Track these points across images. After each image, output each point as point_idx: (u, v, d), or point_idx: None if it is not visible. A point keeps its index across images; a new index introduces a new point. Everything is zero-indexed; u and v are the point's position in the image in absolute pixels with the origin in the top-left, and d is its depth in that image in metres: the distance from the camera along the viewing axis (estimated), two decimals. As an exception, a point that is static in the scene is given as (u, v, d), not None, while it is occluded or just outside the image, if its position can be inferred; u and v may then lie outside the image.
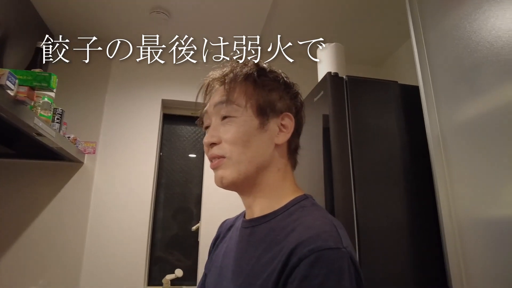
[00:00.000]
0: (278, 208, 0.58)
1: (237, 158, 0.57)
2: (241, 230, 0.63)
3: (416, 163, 1.16)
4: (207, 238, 2.01)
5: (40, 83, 1.11)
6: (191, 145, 2.39)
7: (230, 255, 0.62)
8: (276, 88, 0.62)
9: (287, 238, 0.50)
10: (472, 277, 0.91)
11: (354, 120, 1.17)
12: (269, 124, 0.60)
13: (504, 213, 0.86)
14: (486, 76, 0.94)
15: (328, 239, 0.46)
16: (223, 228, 0.76)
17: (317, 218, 0.53)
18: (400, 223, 1.10)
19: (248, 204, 0.63)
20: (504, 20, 0.88)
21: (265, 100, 0.60)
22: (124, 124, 2.07)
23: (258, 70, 0.62)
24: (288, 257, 0.46)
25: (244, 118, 0.58)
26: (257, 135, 0.58)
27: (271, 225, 0.56)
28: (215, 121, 0.60)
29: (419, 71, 1.16)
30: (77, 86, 2.02)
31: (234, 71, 0.61)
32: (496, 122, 0.89)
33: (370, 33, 2.18)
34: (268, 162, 0.60)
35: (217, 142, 0.58)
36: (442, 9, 1.11)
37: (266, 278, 0.48)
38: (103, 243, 1.85)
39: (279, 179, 0.61)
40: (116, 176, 1.97)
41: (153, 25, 1.95)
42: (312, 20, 2.03)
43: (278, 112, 0.61)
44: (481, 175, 0.92)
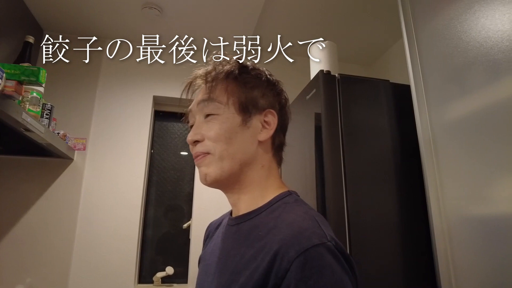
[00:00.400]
0: (262, 205, 0.59)
1: (220, 154, 0.57)
2: (227, 227, 0.64)
3: (406, 161, 1.17)
4: (199, 235, 2.00)
5: (28, 77, 1.08)
6: (183, 142, 2.37)
7: (216, 253, 0.62)
8: (258, 85, 0.63)
9: (268, 235, 0.51)
10: (460, 275, 0.93)
11: (346, 118, 1.17)
12: (251, 121, 0.60)
13: (492, 211, 0.87)
14: (476, 75, 0.95)
15: (311, 236, 0.46)
16: (211, 228, 0.77)
17: (298, 214, 0.53)
18: (390, 221, 1.10)
19: (234, 202, 0.64)
20: (493, 21, 0.89)
21: (247, 97, 0.61)
22: (115, 120, 2.04)
23: (240, 67, 0.63)
24: (273, 257, 0.47)
25: (226, 116, 0.59)
26: (240, 132, 0.59)
27: (255, 222, 0.57)
28: (199, 119, 0.62)
29: (410, 70, 1.17)
30: (67, 81, 1.99)
31: (216, 69, 0.62)
32: (485, 122, 0.90)
33: (361, 33, 2.19)
34: (251, 159, 0.60)
35: (200, 139, 0.59)
36: (433, 9, 1.11)
37: (248, 275, 0.49)
38: (93, 241, 1.83)
39: (264, 176, 0.61)
40: (107, 173, 1.95)
41: (145, 20, 1.93)
42: (304, 19, 2.03)
43: (260, 109, 0.62)
44: (470, 174, 0.94)
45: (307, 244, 0.45)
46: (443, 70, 1.06)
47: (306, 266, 0.44)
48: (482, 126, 0.91)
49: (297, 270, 0.44)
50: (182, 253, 2.10)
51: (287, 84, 0.70)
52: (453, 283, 0.94)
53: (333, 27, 2.11)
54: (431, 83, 1.11)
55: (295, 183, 1.30)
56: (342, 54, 1.75)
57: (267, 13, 1.96)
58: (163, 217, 2.21)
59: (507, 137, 0.84)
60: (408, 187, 1.14)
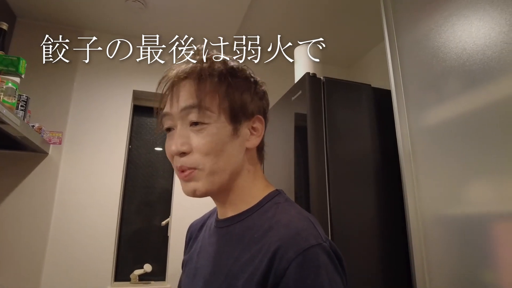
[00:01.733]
0: (252, 206, 0.58)
1: (210, 169, 0.53)
2: (215, 230, 0.62)
3: (386, 163, 1.22)
4: (177, 233, 1.99)
5: (7, 67, 1.04)
6: (162, 138, 2.34)
7: (205, 256, 0.61)
8: (248, 88, 0.58)
9: (265, 237, 0.51)
10: (433, 270, 0.99)
11: (330, 119, 1.21)
12: (241, 129, 0.57)
13: (464, 211, 0.94)
14: (452, 84, 1.01)
15: (308, 237, 0.48)
16: (193, 229, 0.74)
17: (292, 215, 0.54)
18: (370, 219, 1.16)
19: (221, 204, 0.62)
20: (470, 34, 0.95)
21: (237, 103, 0.56)
22: (93, 114, 1.99)
23: (230, 69, 0.57)
24: (272, 258, 0.47)
25: (217, 125, 0.54)
26: (230, 142, 0.55)
27: (247, 224, 0.56)
28: (181, 125, 0.54)
29: (391, 77, 1.22)
30: (43, 71, 1.91)
31: (203, 70, 0.55)
32: (460, 128, 0.96)
33: (341, 36, 2.25)
34: (239, 167, 0.58)
35: (187, 151, 0.53)
36: (414, 19, 1.17)
37: (248, 277, 0.49)
38: (68, 238, 1.78)
39: (250, 180, 0.60)
40: (84, 169, 1.89)
41: (128, 14, 1.89)
42: (287, 20, 2.06)
43: (249, 116, 0.58)
44: (445, 176, 1.00)
45: (305, 245, 0.46)
46: (422, 77, 1.12)
47: (304, 266, 0.45)
48: (457, 132, 0.97)
49: (295, 270, 0.45)
50: (159, 251, 2.08)
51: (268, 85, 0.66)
52: (426, 278, 1.00)
53: (314, 29, 2.15)
54: (410, 90, 1.16)
55: (279, 182, 1.32)
56: (322, 56, 1.80)
57: (252, 11, 1.97)
58: (141, 214, 2.17)
59: (480, 143, 0.90)
60: (387, 187, 1.20)
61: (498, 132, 0.86)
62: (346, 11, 2.00)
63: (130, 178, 2.15)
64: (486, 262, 0.86)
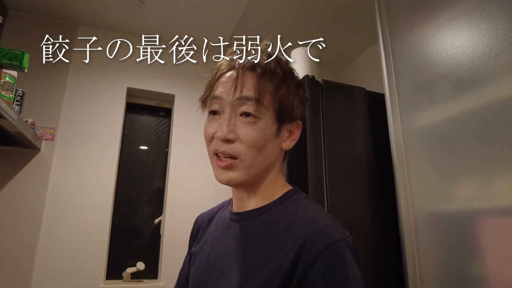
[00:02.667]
0: (272, 202, 0.60)
1: (250, 161, 0.56)
2: (231, 222, 0.64)
3: (379, 163, 1.29)
4: (170, 231, 2.00)
5: (10, 61, 1.03)
6: (155, 136, 2.34)
7: (219, 248, 0.62)
8: (298, 94, 0.61)
9: (288, 231, 0.53)
10: (424, 264, 1.05)
11: (327, 121, 1.26)
12: (282, 130, 0.59)
13: (453, 208, 1.01)
14: (442, 89, 1.08)
15: (334, 232, 0.51)
16: (201, 221, 0.75)
17: (315, 211, 0.57)
18: (364, 216, 1.22)
19: (241, 197, 0.63)
20: (460, 43, 1.03)
21: (287, 106, 0.58)
22: (86, 110, 1.97)
23: (289, 72, 0.60)
24: (300, 251, 0.49)
25: (265, 122, 0.56)
26: (271, 141, 0.57)
27: (267, 218, 0.58)
28: (231, 114, 0.56)
29: (385, 81, 1.28)
30: (35, 66, 1.87)
31: (268, 67, 0.58)
32: (450, 130, 1.04)
33: (334, 40, 2.32)
34: (272, 165, 0.61)
35: (232, 140, 0.55)
36: (408, 27, 1.24)
37: (272, 269, 0.50)
38: (60, 236, 1.76)
39: (275, 177, 0.63)
40: (76, 165, 1.88)
41: (124, 10, 1.89)
42: (281, 22, 2.11)
43: (292, 119, 0.60)
44: (435, 175, 1.07)
45: (332, 239, 0.49)
46: (414, 82, 1.19)
47: (332, 259, 0.48)
48: (446, 134, 1.04)
49: (323, 262, 0.47)
50: (152, 249, 2.08)
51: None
52: (417, 272, 1.06)
53: (308, 32, 2.21)
54: (403, 93, 1.23)
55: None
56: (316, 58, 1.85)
57: (249, 11, 2.01)
58: (133, 212, 2.17)
59: (467, 144, 0.97)
60: (380, 186, 1.26)
61: (483, 134, 0.93)
62: (338, 16, 2.07)
63: (123, 175, 2.14)
64: (473, 256, 0.92)
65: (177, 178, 2.11)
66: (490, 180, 0.92)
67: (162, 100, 2.32)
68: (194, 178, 2.12)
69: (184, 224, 1.99)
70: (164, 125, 2.38)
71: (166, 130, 2.37)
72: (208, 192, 2.06)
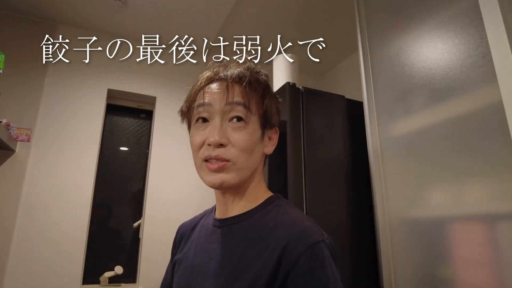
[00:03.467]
0: (255, 207, 0.62)
1: (241, 164, 0.59)
2: (214, 229, 0.65)
3: (357, 168, 1.32)
4: (150, 234, 1.98)
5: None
6: (135, 138, 2.31)
7: (203, 254, 0.63)
8: (275, 103, 0.67)
9: (271, 235, 0.55)
10: (398, 266, 1.09)
11: (307, 127, 1.29)
12: (265, 135, 0.64)
13: (426, 214, 1.05)
14: (418, 99, 1.12)
15: (314, 234, 0.54)
16: (184, 230, 0.76)
17: (296, 215, 0.60)
18: (342, 220, 1.25)
19: (225, 202, 0.65)
20: (435, 55, 1.07)
21: (268, 114, 0.64)
22: (65, 111, 1.92)
23: (268, 84, 0.66)
24: (282, 252, 0.52)
25: (253, 126, 0.61)
26: (258, 145, 0.62)
27: (250, 223, 0.60)
28: (221, 120, 0.59)
29: (364, 89, 1.32)
30: (11, 64, 1.82)
31: (253, 78, 0.63)
32: (424, 139, 1.08)
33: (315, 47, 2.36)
34: (256, 169, 0.64)
35: (225, 144, 0.58)
36: (387, 37, 1.28)
37: (257, 271, 0.53)
38: (34, 239, 1.71)
39: (257, 182, 0.66)
40: (54, 167, 1.83)
41: (107, 11, 1.86)
42: (264, 28, 2.13)
43: (272, 126, 0.66)
44: (410, 182, 1.11)
45: (312, 241, 0.52)
46: (392, 91, 1.23)
47: (312, 258, 0.50)
48: (421, 142, 1.09)
49: (305, 262, 0.50)
50: (130, 253, 2.05)
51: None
52: (392, 275, 1.10)
53: (290, 38, 2.23)
54: (381, 102, 1.27)
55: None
56: (297, 65, 1.88)
57: (232, 15, 2.02)
58: (112, 215, 2.13)
59: (440, 152, 1.02)
60: (358, 191, 1.30)
61: (456, 143, 0.97)
62: (319, 24, 2.11)
63: (101, 178, 2.10)
64: (444, 260, 0.97)
65: (157, 181, 2.09)
66: (460, 187, 0.96)
67: (143, 102, 2.30)
68: (175, 181, 2.10)
69: (163, 227, 1.99)
70: (145, 127, 2.36)
71: (147, 132, 2.34)
72: (189, 196, 2.05)
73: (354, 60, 2.45)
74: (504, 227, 0.85)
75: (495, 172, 0.87)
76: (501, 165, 0.85)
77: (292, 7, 1.97)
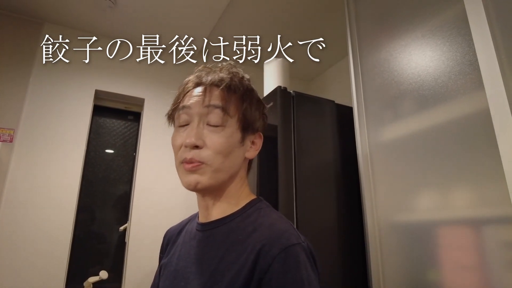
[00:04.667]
0: (236, 211, 0.63)
1: (217, 166, 0.59)
2: (197, 233, 0.66)
3: (347, 172, 1.33)
4: (136, 239, 1.94)
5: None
6: (123, 140, 2.28)
7: (187, 258, 0.64)
8: (259, 108, 0.67)
9: (249, 238, 0.56)
10: (387, 269, 1.10)
11: (298, 131, 1.29)
12: (246, 139, 0.64)
13: (414, 218, 1.06)
14: (406, 105, 1.14)
15: (290, 237, 0.54)
16: (170, 235, 0.77)
17: (275, 218, 0.60)
18: (331, 224, 1.25)
19: (206, 206, 0.65)
20: (423, 62, 1.09)
21: (249, 118, 0.64)
22: (51, 112, 1.88)
23: (251, 89, 0.67)
24: (258, 255, 0.52)
25: (231, 130, 0.61)
26: (237, 148, 0.62)
27: (231, 227, 0.61)
28: (199, 123, 0.60)
29: (354, 95, 1.34)
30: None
31: (233, 82, 0.63)
32: (411, 144, 1.10)
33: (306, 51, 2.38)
34: (236, 173, 0.64)
35: (200, 146, 0.59)
36: (377, 43, 1.30)
37: (234, 274, 0.53)
38: (16, 242, 1.65)
39: (239, 186, 0.66)
40: (37, 169, 1.78)
41: (96, 11, 1.83)
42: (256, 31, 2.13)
43: (254, 130, 0.66)
44: (398, 186, 1.12)
45: (287, 243, 0.52)
46: (381, 97, 1.25)
47: (286, 261, 0.51)
48: (409, 148, 1.10)
49: (278, 264, 0.50)
50: (116, 257, 2.01)
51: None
52: (381, 278, 1.11)
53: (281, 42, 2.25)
54: (370, 108, 1.29)
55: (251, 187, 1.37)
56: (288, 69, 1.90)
57: (221, 21, 2.02)
58: (97, 218, 2.08)
59: (427, 158, 1.03)
60: (348, 195, 1.31)
61: (443, 149, 0.99)
62: (309, 29, 2.13)
63: (87, 180, 2.05)
64: (432, 263, 0.98)
65: (144, 184, 2.06)
66: (447, 192, 0.98)
67: (131, 103, 2.27)
68: (163, 184, 2.07)
69: (150, 231, 1.96)
70: (133, 129, 2.32)
71: (134, 134, 2.31)
72: (177, 200, 2.03)
73: (343, 65, 2.49)
74: (489, 231, 0.86)
75: (481, 177, 0.89)
76: (486, 170, 0.87)
77: (282, 12, 1.99)
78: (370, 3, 1.37)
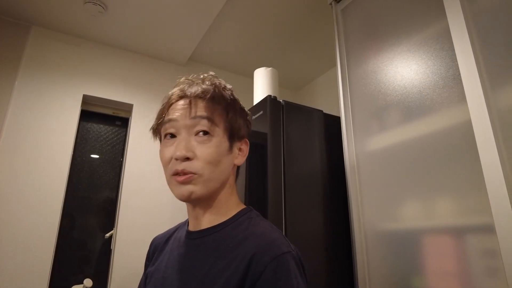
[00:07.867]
0: (227, 220, 0.64)
1: (208, 176, 0.60)
2: (187, 241, 0.67)
3: (334, 180, 1.36)
4: (122, 246, 1.91)
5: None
6: (110, 146, 2.25)
7: (175, 266, 0.64)
8: (242, 116, 0.69)
9: (240, 246, 0.57)
10: (373, 276, 1.12)
11: (287, 139, 1.31)
12: (233, 147, 0.66)
13: (399, 227, 1.09)
14: (393, 116, 1.18)
15: (281, 245, 0.56)
16: (157, 243, 0.77)
17: (265, 227, 0.62)
18: (319, 232, 1.27)
19: (196, 215, 0.66)
20: (409, 75, 1.13)
21: (235, 126, 0.66)
22: (36, 117, 1.84)
23: (234, 99, 0.68)
24: (249, 263, 0.53)
25: (219, 139, 0.62)
26: (225, 156, 0.63)
27: (221, 235, 0.62)
28: (187, 135, 0.62)
29: (341, 105, 1.37)
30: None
31: (216, 93, 0.65)
32: (397, 155, 1.13)
33: (293, 62, 2.43)
34: (226, 180, 0.66)
35: (191, 157, 0.59)
36: (364, 55, 1.34)
37: (225, 281, 0.54)
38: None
39: (228, 194, 0.67)
40: (22, 174, 1.73)
41: (86, 16, 1.82)
42: (246, 42, 2.17)
43: (241, 138, 0.68)
44: (384, 195, 1.15)
45: (278, 252, 0.54)
46: (368, 108, 1.28)
47: (277, 269, 0.52)
48: (395, 158, 1.14)
49: (270, 272, 0.52)
50: (101, 265, 1.97)
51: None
52: (367, 284, 1.12)
53: (270, 51, 2.29)
54: (358, 118, 1.32)
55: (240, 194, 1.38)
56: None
57: (210, 33, 2.04)
58: (82, 225, 2.04)
59: (412, 168, 1.07)
60: (335, 203, 1.33)
61: (427, 159, 1.02)
62: (298, 40, 2.18)
63: (73, 186, 2.01)
64: (416, 270, 1.00)
65: (131, 190, 2.03)
66: (431, 201, 1.01)
67: (119, 109, 2.25)
68: (150, 191, 2.05)
69: (136, 239, 1.94)
70: (120, 134, 2.30)
71: (122, 140, 2.28)
72: (164, 207, 2.01)
73: (331, 76, 2.54)
74: (472, 239, 0.89)
75: (463, 187, 0.92)
76: (468, 180, 0.90)
77: (272, 24, 2.02)
78: (358, 17, 1.41)
